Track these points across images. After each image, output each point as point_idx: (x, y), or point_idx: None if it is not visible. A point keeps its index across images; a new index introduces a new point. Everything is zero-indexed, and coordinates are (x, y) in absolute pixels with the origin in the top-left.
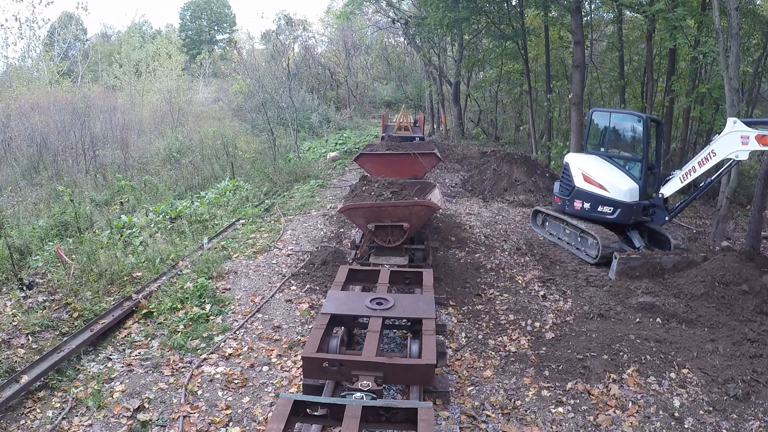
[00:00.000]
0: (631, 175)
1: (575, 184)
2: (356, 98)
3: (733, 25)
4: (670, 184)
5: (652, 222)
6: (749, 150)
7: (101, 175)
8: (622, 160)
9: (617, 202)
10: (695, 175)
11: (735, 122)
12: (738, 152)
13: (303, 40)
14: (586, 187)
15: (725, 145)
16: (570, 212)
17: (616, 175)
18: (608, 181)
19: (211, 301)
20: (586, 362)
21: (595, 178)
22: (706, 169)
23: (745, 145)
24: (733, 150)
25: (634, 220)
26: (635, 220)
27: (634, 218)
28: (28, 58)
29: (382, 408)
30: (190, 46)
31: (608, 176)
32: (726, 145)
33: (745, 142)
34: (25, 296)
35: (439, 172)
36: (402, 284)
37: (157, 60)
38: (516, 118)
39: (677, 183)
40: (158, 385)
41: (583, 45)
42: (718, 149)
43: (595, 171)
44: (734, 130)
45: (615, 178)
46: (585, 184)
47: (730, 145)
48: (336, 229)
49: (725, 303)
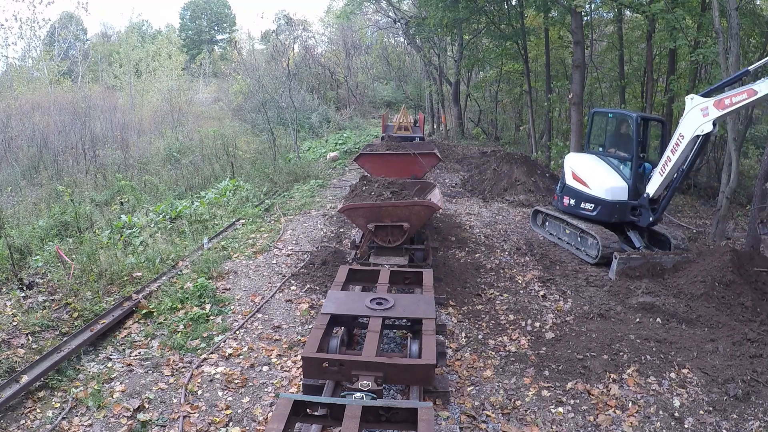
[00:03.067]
0: (623, 174)
1: (565, 181)
2: (356, 98)
3: (733, 25)
4: (652, 181)
5: (640, 222)
6: (711, 119)
7: (101, 175)
8: (617, 159)
9: (597, 199)
10: (672, 165)
11: (692, 98)
12: (702, 126)
13: (303, 40)
14: (573, 184)
15: (690, 124)
16: (560, 208)
17: (602, 173)
18: (591, 178)
19: (211, 301)
20: (586, 362)
21: (580, 175)
22: (679, 154)
23: (706, 116)
24: (697, 125)
25: (618, 220)
26: (619, 220)
27: (617, 217)
28: (28, 58)
29: (382, 408)
30: (190, 46)
31: (592, 174)
32: (690, 123)
33: (705, 113)
34: (25, 296)
35: (439, 172)
36: (402, 284)
37: (157, 60)
38: (516, 118)
39: (658, 178)
40: (158, 385)
41: (583, 45)
42: (685, 130)
43: (583, 168)
44: (693, 105)
45: (599, 176)
46: (572, 181)
47: (693, 121)
48: (336, 229)
49: (725, 303)
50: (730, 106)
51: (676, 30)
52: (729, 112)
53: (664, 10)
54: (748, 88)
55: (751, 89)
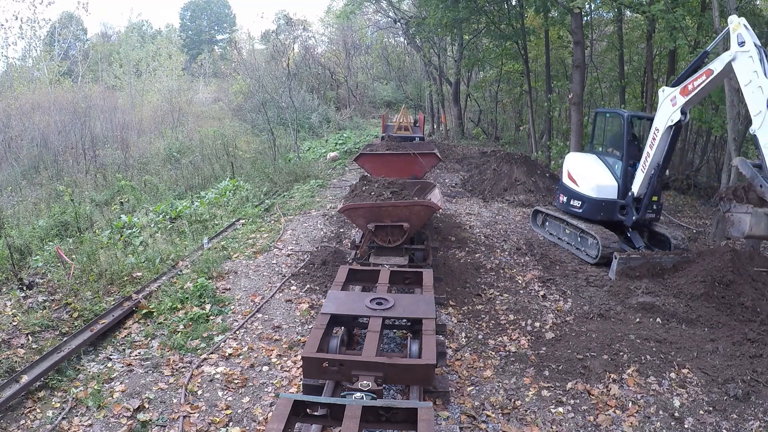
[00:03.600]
0: (615, 173)
1: (561, 179)
2: (356, 98)
3: None
4: (636, 179)
5: (626, 221)
6: (679, 108)
7: (101, 175)
8: (613, 158)
9: (584, 196)
10: (651, 159)
11: (663, 90)
12: (672, 115)
13: (303, 40)
14: (567, 182)
15: (662, 116)
16: (556, 205)
17: (592, 172)
18: (582, 176)
19: (211, 301)
20: (586, 362)
21: (573, 174)
22: (656, 148)
23: (674, 105)
24: (668, 116)
25: (604, 218)
26: (606, 218)
27: (603, 215)
28: (28, 57)
29: (382, 408)
30: (190, 46)
31: (584, 172)
32: (662, 115)
33: (674, 102)
34: (25, 296)
35: (439, 172)
36: (402, 284)
37: (157, 60)
38: (516, 118)
39: (640, 175)
40: (158, 385)
41: (583, 45)
42: (658, 123)
43: (577, 167)
44: (665, 97)
45: (589, 175)
46: (567, 180)
47: (665, 112)
48: (336, 229)
49: (725, 303)
50: (693, 91)
51: (676, 30)
52: (694, 96)
53: (664, 11)
54: (706, 69)
55: (708, 69)
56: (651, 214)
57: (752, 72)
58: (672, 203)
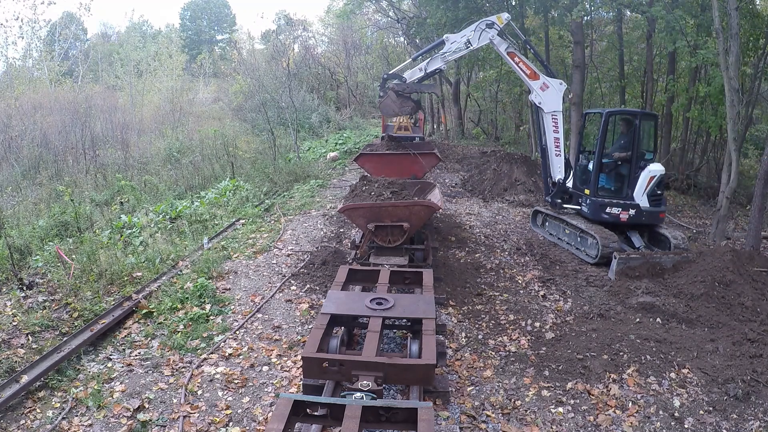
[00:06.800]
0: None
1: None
2: (356, 98)
3: (733, 25)
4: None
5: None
6: (530, 85)
7: (101, 175)
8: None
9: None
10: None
11: (561, 83)
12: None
13: (303, 40)
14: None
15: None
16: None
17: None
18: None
19: (211, 301)
20: (586, 362)
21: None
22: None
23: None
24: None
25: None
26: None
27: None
28: (29, 58)
29: (382, 408)
30: (190, 46)
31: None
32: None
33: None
34: (25, 296)
35: (439, 172)
36: (402, 284)
37: (157, 60)
38: (516, 118)
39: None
40: (158, 385)
41: (583, 45)
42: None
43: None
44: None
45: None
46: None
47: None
48: (336, 229)
49: (725, 303)
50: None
51: (676, 31)
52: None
53: (664, 11)
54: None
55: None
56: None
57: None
58: (672, 203)
